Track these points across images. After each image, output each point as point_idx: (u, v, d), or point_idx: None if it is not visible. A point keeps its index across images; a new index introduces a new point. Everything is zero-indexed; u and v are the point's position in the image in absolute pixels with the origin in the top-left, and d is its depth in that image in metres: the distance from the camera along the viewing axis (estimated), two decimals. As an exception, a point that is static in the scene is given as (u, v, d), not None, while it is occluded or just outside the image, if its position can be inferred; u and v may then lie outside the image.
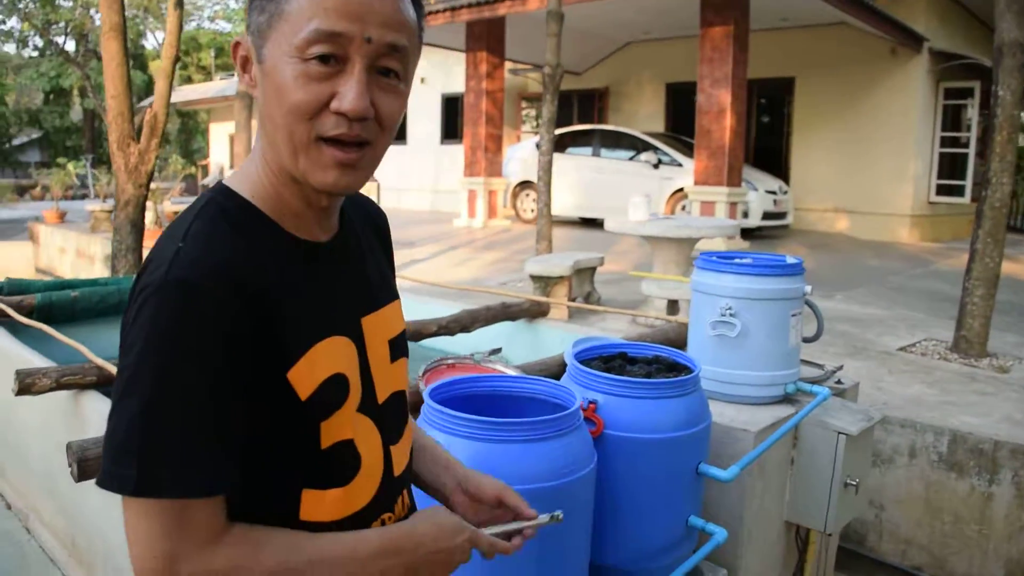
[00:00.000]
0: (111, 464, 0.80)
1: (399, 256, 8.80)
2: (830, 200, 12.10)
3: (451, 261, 8.60)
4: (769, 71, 12.22)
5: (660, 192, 11.08)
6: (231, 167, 26.55)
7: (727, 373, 2.56)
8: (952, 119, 11.88)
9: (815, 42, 11.72)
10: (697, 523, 2.12)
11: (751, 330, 2.51)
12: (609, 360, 2.27)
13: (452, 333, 3.67)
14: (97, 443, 1.96)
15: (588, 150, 12.43)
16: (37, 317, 3.67)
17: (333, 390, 0.92)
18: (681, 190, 10.60)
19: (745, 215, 10.31)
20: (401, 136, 18.20)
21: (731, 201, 9.55)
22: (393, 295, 1.10)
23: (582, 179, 12.19)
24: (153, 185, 11.27)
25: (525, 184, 13.15)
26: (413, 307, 4.47)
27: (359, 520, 0.97)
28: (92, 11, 24.17)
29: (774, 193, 10.83)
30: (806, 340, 2.76)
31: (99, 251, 9.67)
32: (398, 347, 1.08)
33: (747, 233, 10.44)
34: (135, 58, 31.68)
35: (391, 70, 0.90)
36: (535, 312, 4.13)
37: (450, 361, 2.64)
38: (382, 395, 1.02)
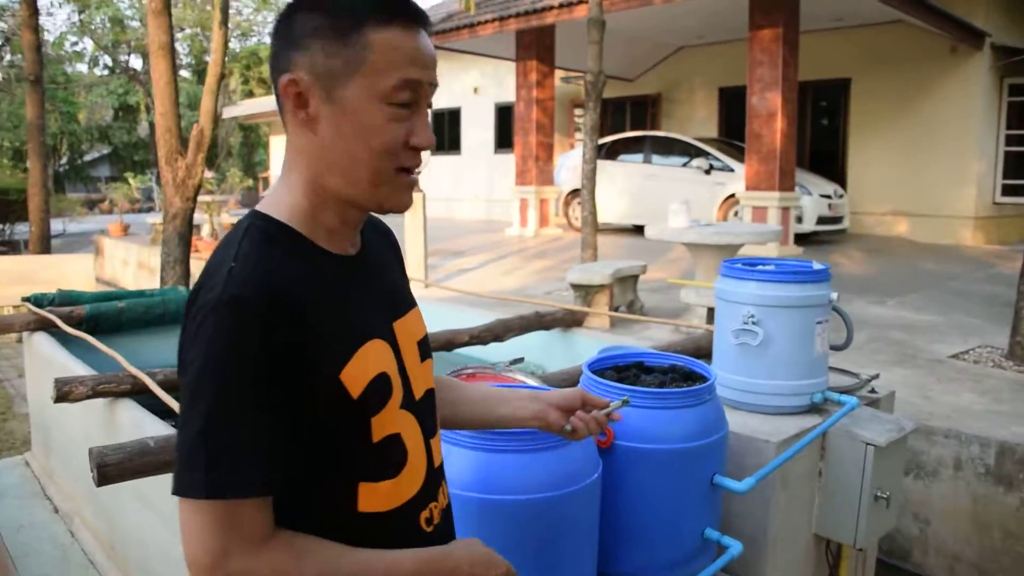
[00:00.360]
0: (181, 470, 0.89)
1: (448, 266, 8.92)
2: (889, 203, 11.77)
3: (499, 270, 8.63)
4: (825, 72, 11.98)
5: (712, 198, 10.94)
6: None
7: (750, 382, 2.51)
8: (1018, 116, 11.44)
9: (871, 42, 11.45)
10: (713, 535, 2.08)
11: (774, 338, 2.46)
12: (624, 370, 2.25)
13: (484, 342, 3.68)
14: (117, 449, 2.02)
15: (639, 157, 12.34)
16: (86, 327, 3.81)
17: (380, 388, 1.02)
18: (733, 196, 10.45)
19: (799, 220, 10.10)
20: (455, 146, 18.38)
21: (783, 206, 9.36)
22: (412, 302, 1.20)
23: (633, 186, 12.12)
24: (210, 198, 11.61)
25: (577, 192, 13.12)
26: (448, 316, 4.51)
27: (410, 509, 1.07)
28: (192, 28, 25.07)
29: (829, 197, 10.59)
30: (835, 348, 2.70)
31: (159, 263, 9.99)
32: (425, 349, 1.18)
33: (802, 238, 10.23)
34: (199, 74, 32.70)
35: (430, 105, 1.06)
36: (569, 322, 4.11)
37: (470, 370, 2.64)
38: (418, 392, 1.12)
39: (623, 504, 2.03)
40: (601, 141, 13.16)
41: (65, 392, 2.69)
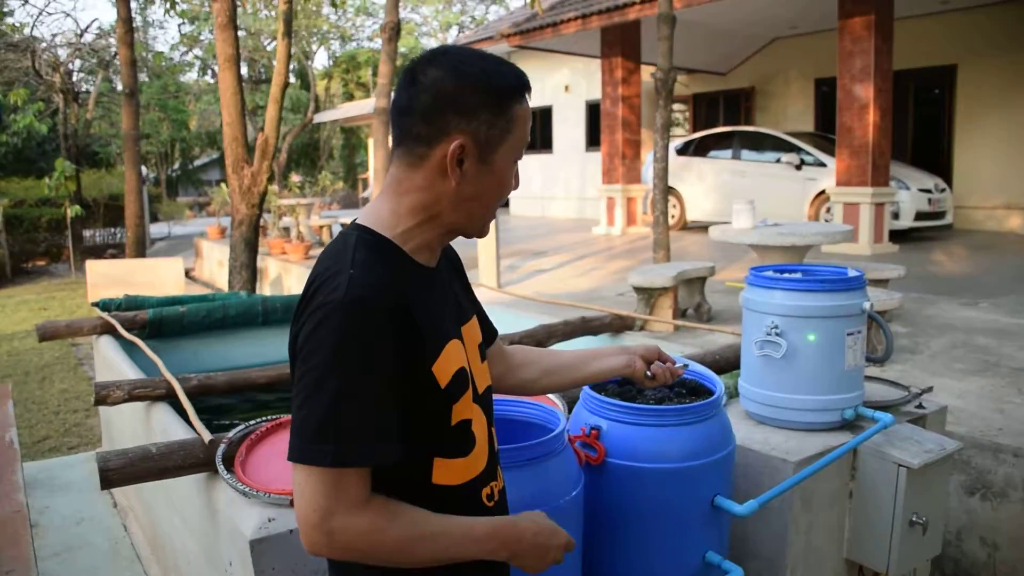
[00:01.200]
0: (308, 443, 1.06)
1: (526, 267, 8.90)
2: (1000, 196, 11.02)
3: (576, 271, 8.55)
4: (927, 60, 11.33)
5: (803, 194, 10.52)
6: (387, 180, 27.70)
7: (775, 396, 2.38)
8: None
9: (979, 25, 10.74)
10: (714, 559, 1.98)
11: (800, 350, 2.32)
12: (627, 383, 2.16)
13: (526, 348, 3.64)
14: (120, 455, 2.10)
15: (729, 153, 11.99)
16: (149, 331, 3.99)
17: (460, 380, 1.21)
18: (825, 192, 10.01)
19: (895, 216, 9.58)
20: (547, 144, 18.35)
21: (876, 202, 8.91)
22: (472, 311, 1.40)
23: (722, 183, 11.79)
24: (295, 201, 11.98)
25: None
26: (507, 321, 4.47)
27: (475, 485, 1.25)
28: (263, 39, 26.05)
29: (929, 192, 9.99)
30: (873, 360, 2.53)
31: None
32: (483, 351, 1.38)
33: (899, 235, 9.70)
34: (300, 77, 33.81)
35: None
36: (618, 327, 4.02)
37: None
38: (480, 387, 1.30)
39: (617, 524, 1.96)
40: (689, 137, 12.91)
41: (103, 396, 2.81)
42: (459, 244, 1.43)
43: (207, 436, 2.17)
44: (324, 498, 1.05)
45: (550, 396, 2.74)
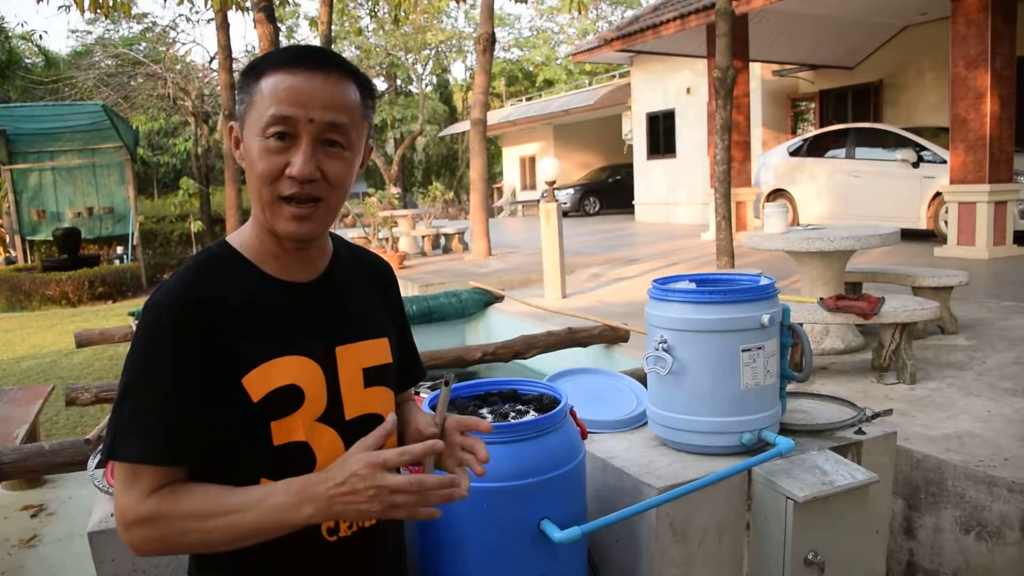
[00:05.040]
0: (107, 437, 1.11)
1: (608, 275, 8.73)
2: None
3: (650, 281, 8.28)
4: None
5: (920, 194, 9.71)
6: (521, 189, 28.06)
7: (668, 416, 2.22)
8: None
9: None
10: (538, 590, 1.85)
11: (688, 367, 2.15)
12: (481, 399, 2.07)
13: (505, 359, 3.56)
14: (15, 451, 2.24)
15: (843, 152, 11.26)
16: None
17: (284, 398, 1.14)
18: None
19: (1023, 215, 8.64)
20: (670, 149, 17.94)
21: (996, 200, 8.09)
22: (379, 333, 1.31)
23: (835, 184, 11.09)
24: (388, 213, 12.31)
25: (777, 192, 12.29)
26: (499, 329, 4.39)
27: None
28: (400, 52, 27.06)
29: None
30: (794, 379, 2.29)
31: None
32: (375, 376, 1.28)
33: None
34: (440, 90, 34.82)
35: (335, 141, 1.15)
36: (611, 338, 3.84)
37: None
38: (350, 413, 1.22)
39: (441, 542, 1.88)
40: (802, 137, 12.22)
41: (73, 397, 3.02)
42: (530, 252, 1.32)
43: (92, 436, 2.27)
44: (123, 491, 1.08)
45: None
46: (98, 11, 8.65)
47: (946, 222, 8.93)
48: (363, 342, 1.26)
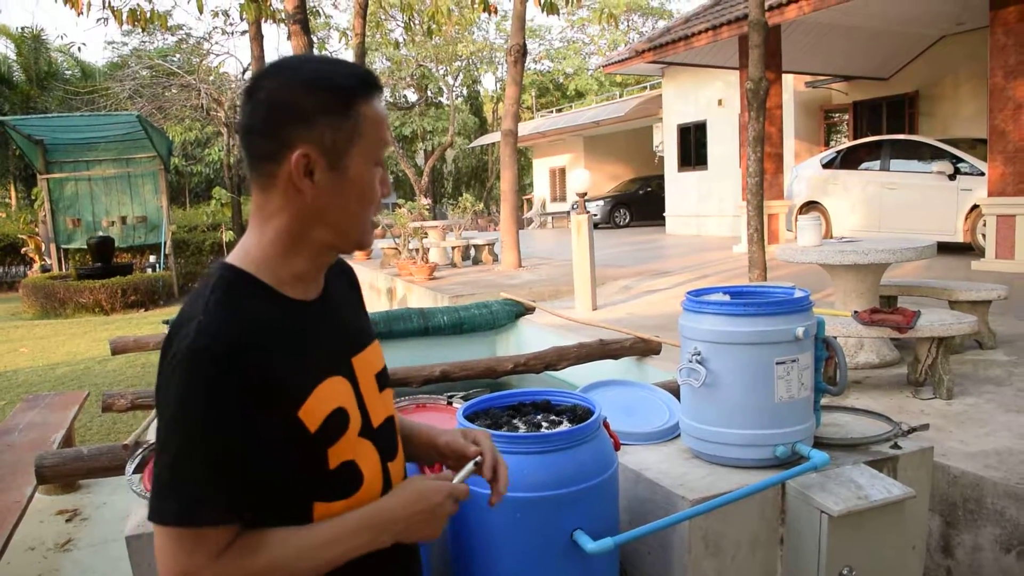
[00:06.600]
0: (156, 501, 1.02)
1: (639, 287, 8.71)
2: None
3: (682, 295, 8.25)
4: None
5: (957, 207, 9.57)
6: (551, 200, 28.10)
7: (702, 429, 2.21)
8: None
9: None
10: (574, 601, 1.85)
11: (722, 379, 2.14)
12: (515, 409, 2.08)
13: (536, 371, 3.56)
14: (55, 455, 2.29)
15: (877, 164, 11.13)
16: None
17: (336, 422, 1.12)
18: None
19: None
20: (701, 161, 17.87)
21: (1036, 213, 7.94)
22: (372, 337, 1.31)
23: (869, 196, 10.96)
24: (417, 224, 12.36)
25: (810, 205, 12.18)
26: (529, 340, 4.39)
27: None
28: (431, 64, 27.25)
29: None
30: (828, 392, 2.27)
31: (383, 285, 10.87)
32: (383, 379, 1.29)
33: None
34: (470, 101, 34.99)
35: None
36: (643, 350, 3.83)
37: (422, 400, 2.59)
38: (376, 420, 1.22)
39: (476, 551, 1.89)
40: (835, 149, 12.11)
41: (109, 403, 3.07)
42: (561, 263, 1.35)
43: (129, 442, 2.32)
44: (185, 555, 1.00)
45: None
46: (136, 23, 8.80)
47: (984, 235, 8.80)
48: (367, 348, 1.27)
